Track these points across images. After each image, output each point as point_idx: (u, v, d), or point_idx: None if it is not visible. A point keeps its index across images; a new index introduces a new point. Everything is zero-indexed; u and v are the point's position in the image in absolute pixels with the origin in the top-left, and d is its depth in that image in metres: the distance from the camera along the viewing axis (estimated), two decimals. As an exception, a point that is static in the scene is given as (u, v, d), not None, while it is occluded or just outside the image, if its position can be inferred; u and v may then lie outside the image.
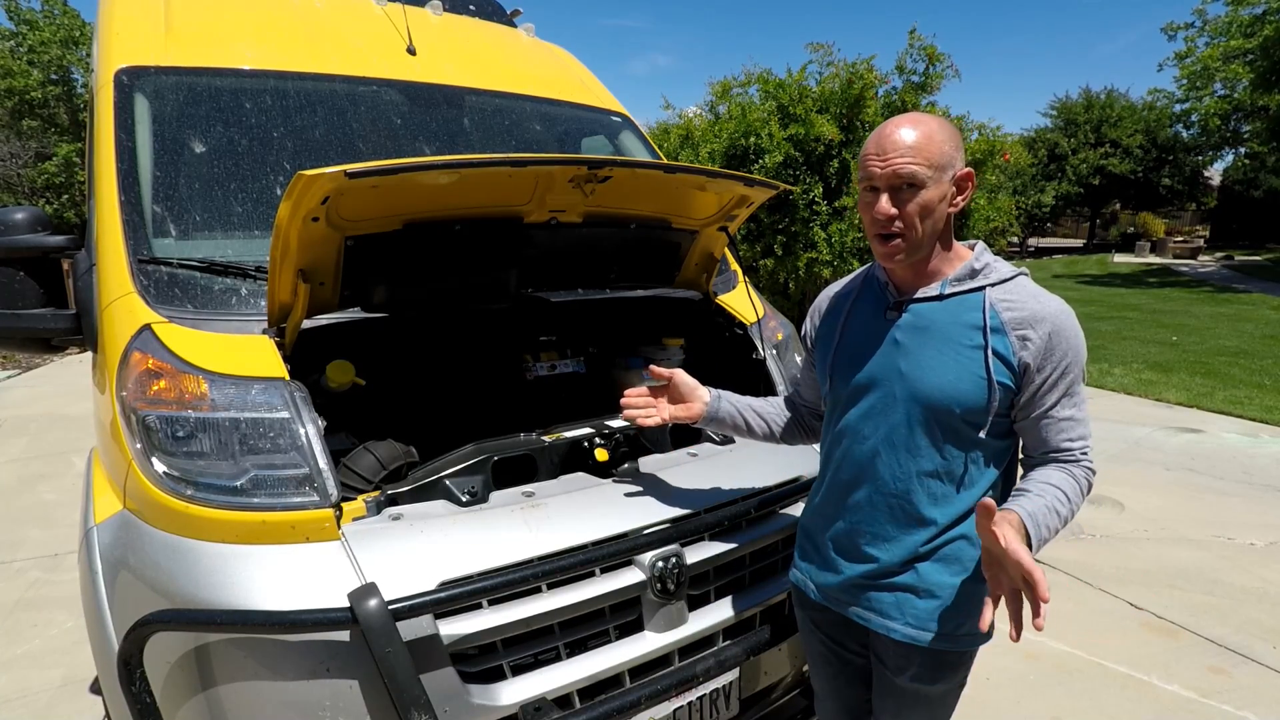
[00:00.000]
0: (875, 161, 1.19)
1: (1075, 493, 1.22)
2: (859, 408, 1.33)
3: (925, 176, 1.17)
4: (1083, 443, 1.25)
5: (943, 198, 1.20)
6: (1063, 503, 1.19)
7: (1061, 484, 1.21)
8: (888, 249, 1.23)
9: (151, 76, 2.04)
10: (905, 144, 1.16)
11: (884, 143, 1.18)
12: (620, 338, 2.31)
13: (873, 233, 1.24)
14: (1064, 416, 1.23)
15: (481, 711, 1.30)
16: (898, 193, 1.19)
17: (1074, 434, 1.24)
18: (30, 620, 3.18)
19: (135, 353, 1.49)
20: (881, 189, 1.20)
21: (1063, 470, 1.24)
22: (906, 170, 1.16)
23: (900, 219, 1.19)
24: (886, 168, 1.17)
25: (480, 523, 1.44)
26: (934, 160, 1.17)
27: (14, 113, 15.30)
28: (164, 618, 1.23)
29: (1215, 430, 5.91)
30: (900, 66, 7.38)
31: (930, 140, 1.17)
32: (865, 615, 1.35)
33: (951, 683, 1.36)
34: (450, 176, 1.49)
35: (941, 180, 1.19)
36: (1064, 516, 1.19)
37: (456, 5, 3.09)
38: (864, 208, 1.24)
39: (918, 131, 1.17)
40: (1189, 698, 2.58)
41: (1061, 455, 1.25)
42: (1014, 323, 1.20)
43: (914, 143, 1.16)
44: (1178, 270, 20.29)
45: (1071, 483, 1.22)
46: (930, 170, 1.17)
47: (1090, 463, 1.26)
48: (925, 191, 1.18)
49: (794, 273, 7.31)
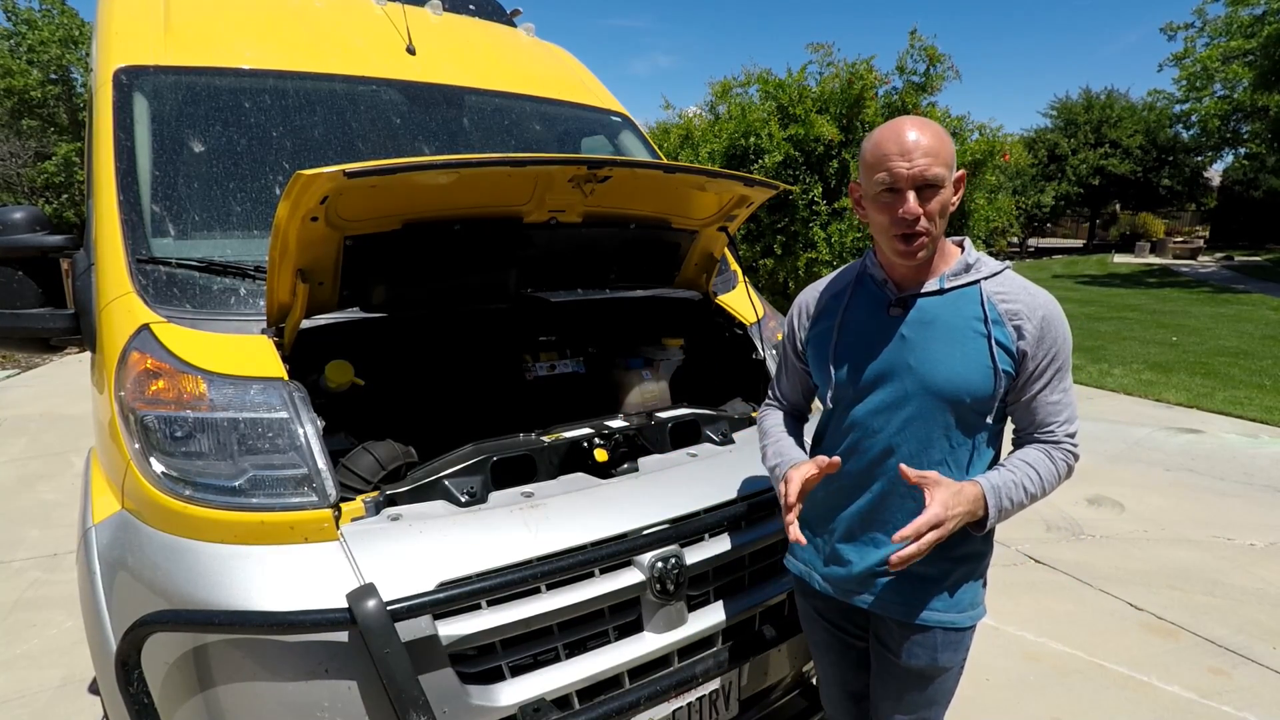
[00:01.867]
0: (899, 163, 1.20)
1: (1049, 472, 1.28)
2: (868, 403, 1.36)
3: (944, 177, 1.22)
4: (1067, 426, 1.30)
5: (953, 197, 1.26)
6: (1032, 480, 1.26)
7: (1036, 463, 1.28)
8: (913, 247, 1.25)
9: (150, 76, 2.03)
10: (925, 146, 1.20)
11: (904, 144, 1.21)
12: (620, 338, 2.31)
13: (895, 233, 1.25)
14: (1051, 400, 1.29)
15: (480, 712, 1.30)
16: (920, 193, 1.22)
17: (1059, 417, 1.30)
18: (29, 620, 3.17)
19: (134, 352, 1.49)
20: (905, 189, 1.22)
21: (1041, 450, 1.30)
22: (932, 172, 1.20)
23: (925, 218, 1.23)
24: (913, 169, 1.20)
25: (479, 523, 1.44)
26: (949, 161, 1.23)
27: (13, 112, 15.31)
28: (162, 618, 1.22)
29: (1215, 430, 5.91)
30: (901, 67, 7.39)
31: (943, 142, 1.23)
32: (872, 602, 1.39)
33: (953, 662, 1.39)
34: (449, 176, 1.48)
35: (950, 179, 1.24)
36: (1032, 493, 1.26)
37: (456, 5, 3.09)
38: (881, 209, 1.26)
39: (932, 134, 1.22)
40: (1189, 698, 2.58)
41: (1044, 435, 1.31)
42: (1009, 314, 1.27)
43: (931, 145, 1.21)
44: (1177, 271, 20.29)
45: (1046, 462, 1.28)
46: (947, 171, 1.22)
47: (1072, 445, 1.31)
48: (943, 191, 1.23)
49: (794, 272, 7.32)
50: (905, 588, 1.35)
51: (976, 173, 7.14)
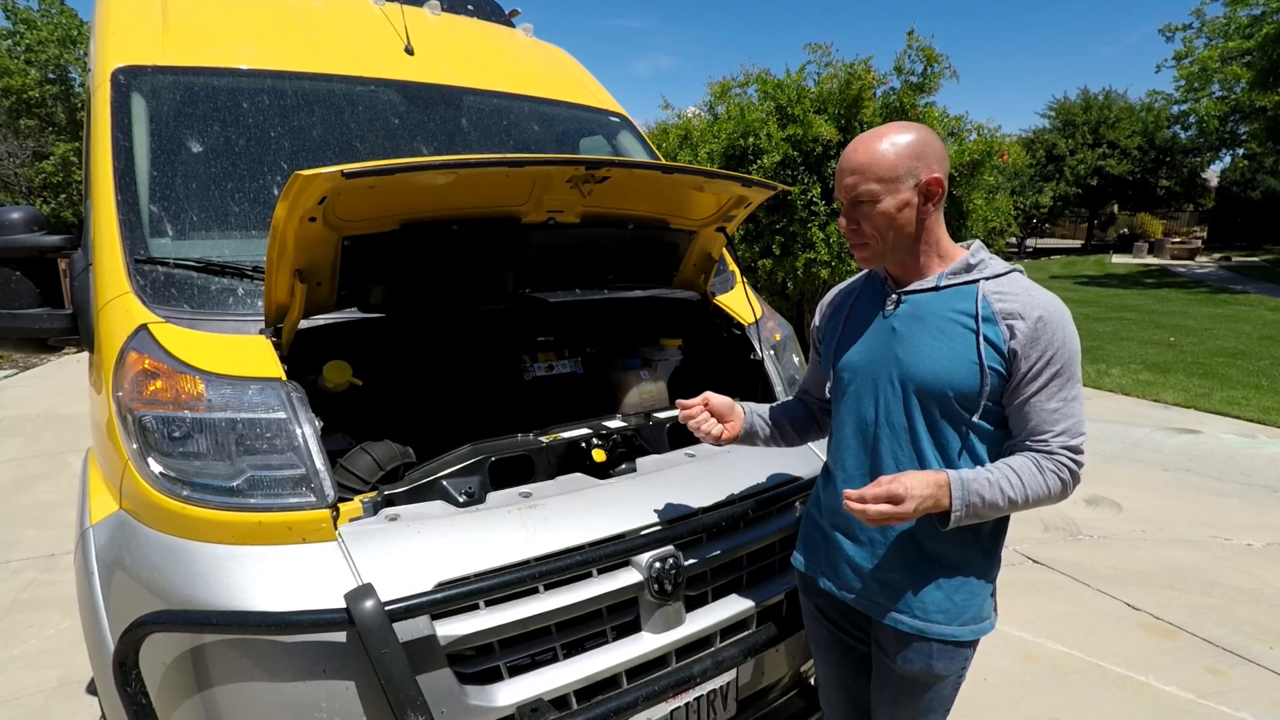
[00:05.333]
0: (839, 181, 1.32)
1: (1034, 480, 1.21)
2: (860, 396, 1.38)
3: (877, 191, 1.26)
4: (1064, 438, 1.23)
5: (904, 205, 1.27)
6: (1011, 484, 1.20)
7: (1019, 468, 1.22)
8: (859, 257, 1.37)
9: (149, 76, 2.03)
10: (854, 164, 1.28)
11: (841, 166, 1.30)
12: (618, 338, 2.31)
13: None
14: (1047, 407, 1.23)
15: (478, 712, 1.30)
16: (856, 208, 1.30)
17: (1055, 426, 1.23)
18: (26, 621, 3.17)
19: (131, 353, 1.49)
20: (843, 208, 1.33)
21: (1028, 457, 1.24)
22: (859, 190, 1.27)
23: (860, 232, 1.31)
24: (841, 189, 1.31)
25: (477, 523, 1.44)
26: (884, 175, 1.25)
27: (11, 112, 15.30)
28: (160, 618, 1.22)
29: (1213, 431, 5.92)
30: (899, 67, 7.38)
31: (877, 159, 1.26)
32: (871, 606, 1.38)
33: (951, 671, 1.38)
34: (448, 177, 1.48)
35: (900, 190, 1.26)
36: (1009, 496, 1.20)
37: (454, 5, 3.09)
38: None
39: (866, 150, 1.27)
40: (1186, 698, 2.58)
41: (1035, 444, 1.24)
42: (1004, 312, 1.25)
43: (862, 162, 1.27)
44: (1175, 271, 20.33)
45: (1031, 470, 1.22)
46: (880, 185, 1.26)
47: (1069, 459, 1.23)
48: (880, 205, 1.27)
49: (792, 273, 7.31)
50: (906, 596, 1.34)
51: (975, 173, 7.13)
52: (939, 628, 1.33)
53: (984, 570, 1.36)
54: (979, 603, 1.35)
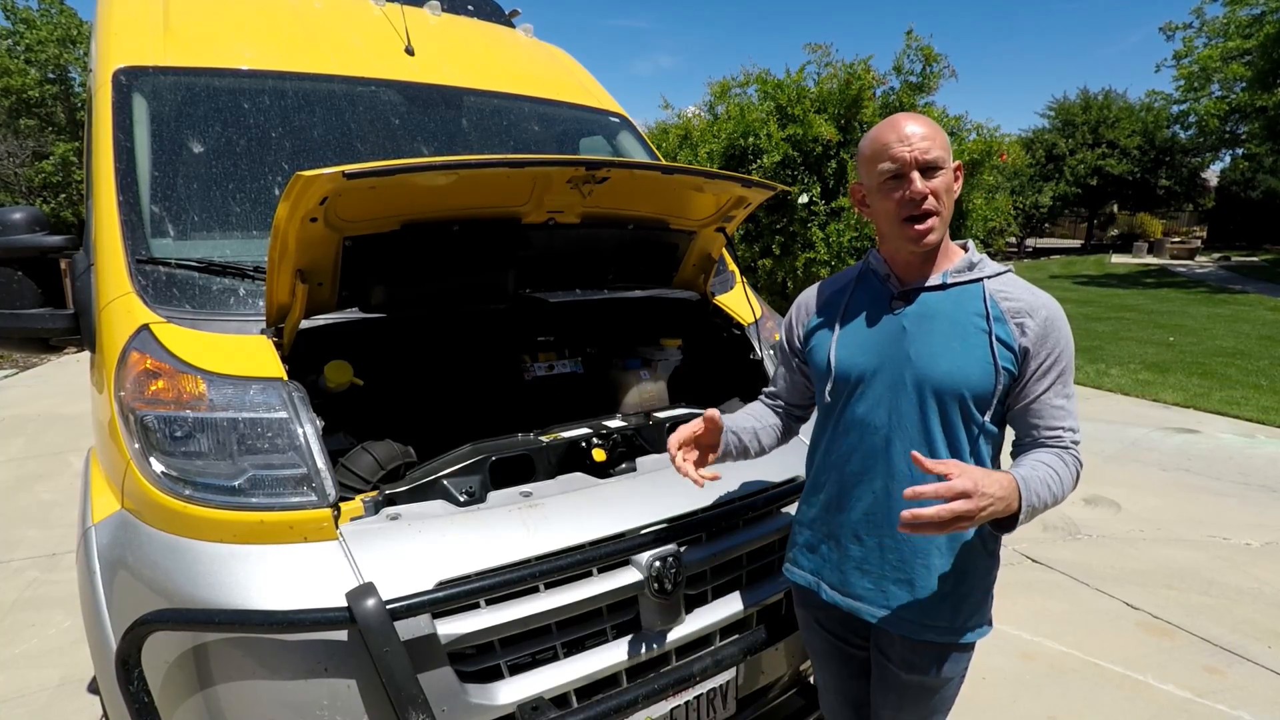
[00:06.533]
0: (901, 148, 1.24)
1: (1067, 475, 1.24)
2: (868, 397, 1.34)
3: (944, 159, 1.26)
4: (1072, 433, 1.27)
5: (951, 184, 1.29)
6: (1055, 480, 1.21)
7: (1053, 464, 1.24)
8: (922, 228, 1.26)
9: (150, 76, 2.03)
10: (923, 132, 1.25)
11: (902, 132, 1.25)
12: (618, 338, 2.32)
13: (903, 215, 1.27)
14: (1055, 404, 1.26)
15: (479, 711, 1.30)
16: (924, 174, 1.25)
17: (1065, 422, 1.27)
18: (28, 620, 3.17)
19: (133, 353, 1.49)
20: (909, 171, 1.25)
21: (1053, 453, 1.26)
22: (932, 154, 1.24)
23: (938, 198, 1.26)
24: (913, 151, 1.24)
25: (478, 523, 1.45)
26: (945, 147, 1.28)
27: (11, 111, 15.29)
28: (162, 617, 1.23)
29: (1211, 431, 5.92)
30: (898, 67, 7.40)
31: (938, 130, 1.28)
32: (874, 612, 1.37)
33: (955, 674, 1.38)
34: (448, 177, 1.49)
35: (950, 166, 1.28)
36: (1055, 494, 1.21)
37: (455, 6, 3.09)
38: (887, 196, 1.28)
39: (925, 123, 1.27)
40: (1185, 697, 2.59)
41: (1051, 441, 1.27)
42: (1012, 311, 1.27)
43: (928, 131, 1.26)
44: (1175, 271, 20.33)
45: (1062, 465, 1.24)
46: (945, 154, 1.27)
47: (1078, 453, 1.28)
48: (945, 173, 1.26)
49: (792, 273, 7.32)
50: (913, 604, 1.32)
51: (974, 173, 7.14)
52: (945, 634, 1.32)
53: (986, 574, 1.36)
54: (983, 607, 1.36)
